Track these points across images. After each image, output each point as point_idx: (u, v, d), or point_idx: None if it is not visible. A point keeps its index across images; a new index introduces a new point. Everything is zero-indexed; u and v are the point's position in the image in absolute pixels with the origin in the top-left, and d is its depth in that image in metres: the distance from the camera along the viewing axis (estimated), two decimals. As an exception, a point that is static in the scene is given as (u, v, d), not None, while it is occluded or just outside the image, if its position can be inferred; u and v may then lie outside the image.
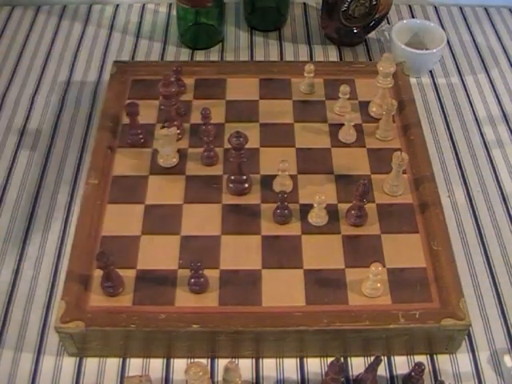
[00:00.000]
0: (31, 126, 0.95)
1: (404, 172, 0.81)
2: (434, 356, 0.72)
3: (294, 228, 0.78)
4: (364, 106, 0.92)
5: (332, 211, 0.79)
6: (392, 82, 0.89)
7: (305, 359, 0.72)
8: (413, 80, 1.00)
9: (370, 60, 1.07)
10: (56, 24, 1.13)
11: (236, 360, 0.70)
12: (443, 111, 1.00)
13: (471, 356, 0.73)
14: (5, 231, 0.82)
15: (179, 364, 0.71)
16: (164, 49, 1.09)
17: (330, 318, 0.69)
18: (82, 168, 0.89)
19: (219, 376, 0.70)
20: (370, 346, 0.71)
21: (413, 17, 1.16)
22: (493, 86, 1.04)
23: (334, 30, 1.07)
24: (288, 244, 0.76)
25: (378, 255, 0.75)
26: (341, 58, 1.08)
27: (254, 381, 0.70)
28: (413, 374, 0.67)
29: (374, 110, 0.91)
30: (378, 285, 0.71)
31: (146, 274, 0.73)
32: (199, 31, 1.07)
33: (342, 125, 0.87)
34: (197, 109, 0.89)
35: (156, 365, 0.71)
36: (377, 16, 1.05)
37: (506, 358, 0.73)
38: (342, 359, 0.64)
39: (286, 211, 0.78)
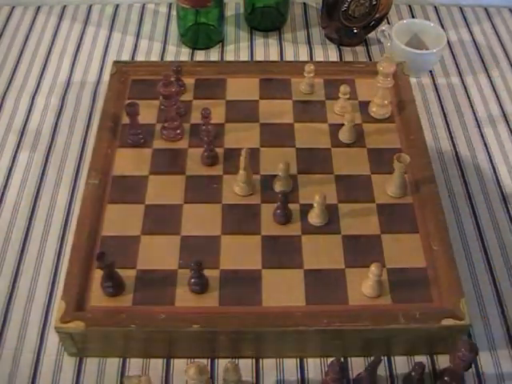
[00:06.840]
0: (31, 126, 0.95)
1: (405, 172, 0.81)
2: (434, 356, 0.72)
3: (294, 228, 0.78)
4: (364, 106, 0.92)
5: (332, 211, 0.79)
6: (392, 82, 0.89)
7: (305, 359, 0.72)
8: (413, 80, 1.00)
9: (370, 60, 1.07)
10: (56, 24, 1.13)
11: (236, 360, 0.70)
12: (443, 111, 1.00)
13: (471, 356, 0.73)
14: (5, 231, 0.82)
15: (179, 364, 0.71)
16: (164, 49, 1.09)
17: (330, 318, 0.69)
18: (82, 168, 0.89)
19: (219, 376, 0.70)
20: (370, 346, 0.71)
21: (413, 17, 1.16)
22: (493, 85, 1.04)
23: (334, 29, 1.07)
24: (288, 244, 0.76)
25: (378, 255, 0.75)
26: (341, 58, 1.08)
27: (254, 381, 0.70)
28: (413, 373, 0.67)
29: (374, 109, 0.91)
30: (378, 285, 0.71)
31: (146, 274, 0.73)
32: (199, 31, 1.07)
33: (342, 125, 0.87)
34: (197, 109, 0.89)
35: (156, 365, 0.71)
36: (377, 16, 1.05)
37: (506, 358, 0.73)
38: (342, 359, 0.65)
39: (286, 211, 0.78)
